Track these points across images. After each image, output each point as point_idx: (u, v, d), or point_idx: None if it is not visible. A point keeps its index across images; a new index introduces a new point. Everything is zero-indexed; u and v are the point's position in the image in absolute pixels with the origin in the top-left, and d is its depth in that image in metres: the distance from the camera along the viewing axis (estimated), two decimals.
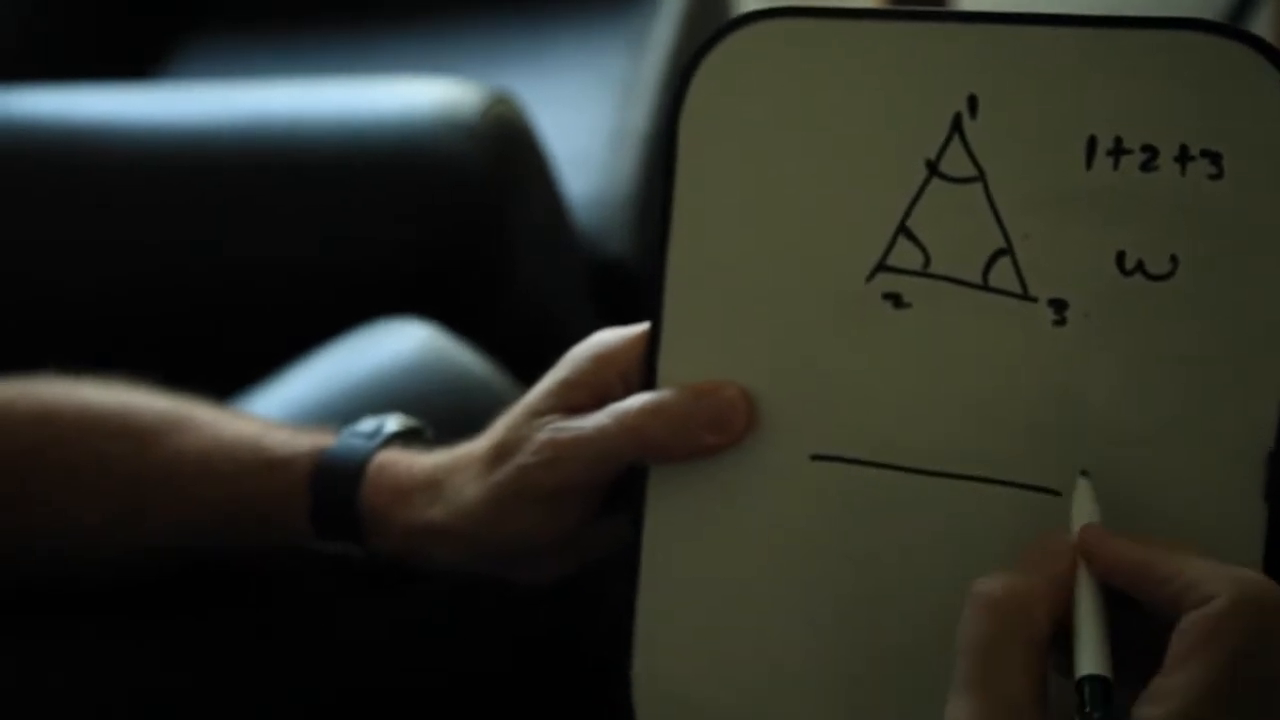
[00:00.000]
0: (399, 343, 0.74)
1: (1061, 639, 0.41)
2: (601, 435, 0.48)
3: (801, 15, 0.46)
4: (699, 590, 0.48)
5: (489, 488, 0.50)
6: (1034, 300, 0.45)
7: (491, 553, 0.52)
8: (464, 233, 0.82)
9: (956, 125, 0.45)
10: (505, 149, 0.84)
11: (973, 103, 0.45)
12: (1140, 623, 0.41)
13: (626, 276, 0.96)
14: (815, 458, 0.47)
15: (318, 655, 0.61)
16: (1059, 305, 0.45)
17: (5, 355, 0.60)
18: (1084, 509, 0.43)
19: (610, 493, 0.50)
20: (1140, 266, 0.44)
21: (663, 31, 1.09)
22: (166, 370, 0.60)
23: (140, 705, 0.58)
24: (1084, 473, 0.44)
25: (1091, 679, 0.39)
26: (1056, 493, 0.45)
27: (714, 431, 0.47)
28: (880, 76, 0.46)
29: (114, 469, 0.57)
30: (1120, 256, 0.44)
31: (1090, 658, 0.40)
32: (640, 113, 1.02)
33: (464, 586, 0.55)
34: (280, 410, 0.68)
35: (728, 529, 0.47)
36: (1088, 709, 0.39)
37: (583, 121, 1.01)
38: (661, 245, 0.48)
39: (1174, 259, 0.44)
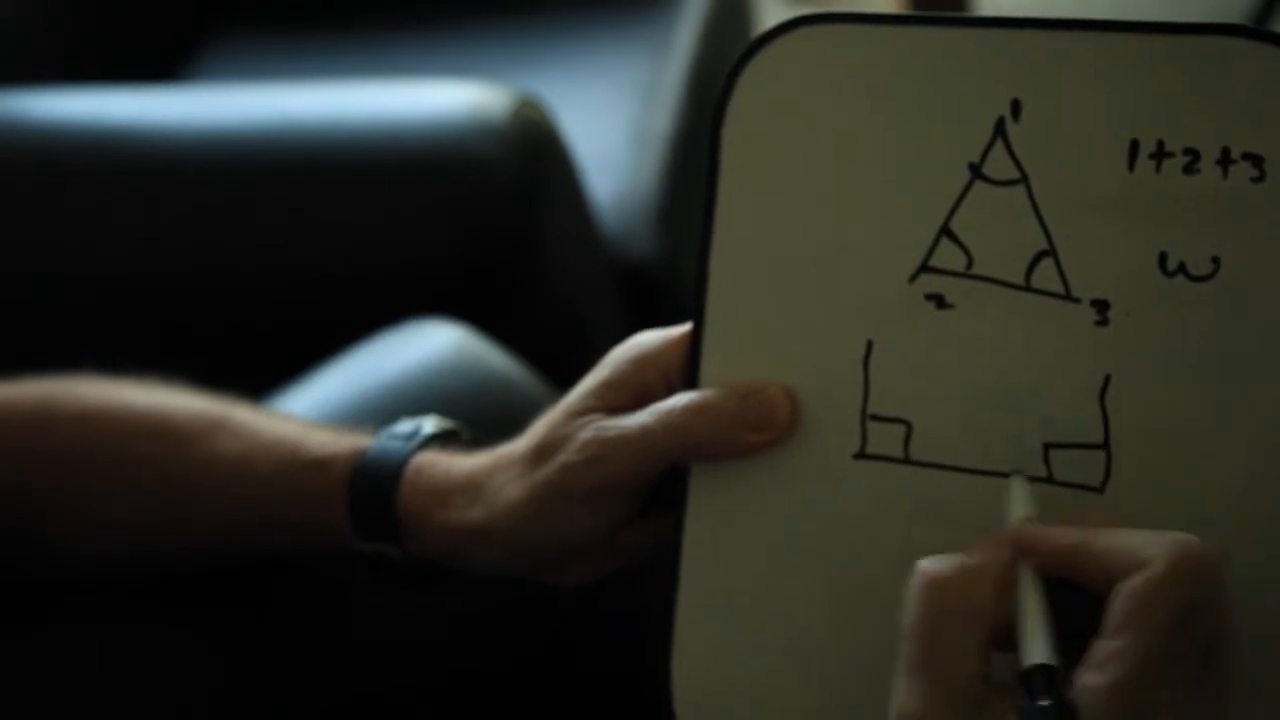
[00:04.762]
0: (428, 343, 0.74)
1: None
2: (644, 433, 0.48)
3: (844, 21, 0.47)
4: (739, 589, 0.48)
5: (531, 487, 0.51)
6: (1076, 301, 0.45)
7: (531, 553, 0.52)
8: (492, 234, 0.83)
9: (1000, 128, 0.46)
10: (533, 151, 0.85)
11: (1015, 106, 0.45)
12: (1080, 607, 0.40)
13: (650, 278, 0.96)
14: (857, 457, 0.47)
15: (339, 652, 0.61)
16: (1101, 306, 0.45)
17: (41, 355, 0.61)
18: (1019, 505, 0.44)
19: (647, 495, 0.51)
20: (1182, 268, 0.44)
21: (685, 36, 1.09)
22: (199, 371, 0.60)
23: (166, 697, 0.59)
24: (1016, 471, 0.45)
25: (1040, 668, 0.39)
26: (1099, 490, 0.45)
27: (757, 430, 0.47)
28: (923, 81, 0.46)
29: (153, 469, 0.58)
30: (1162, 257, 0.45)
31: (1036, 647, 0.40)
32: (663, 116, 1.03)
33: (488, 585, 0.55)
34: (312, 410, 0.69)
35: (769, 528, 0.48)
36: (1039, 698, 0.38)
37: (606, 125, 1.02)
38: (704, 247, 0.48)
39: (1215, 260, 0.44)
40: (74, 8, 1.11)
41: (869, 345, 0.47)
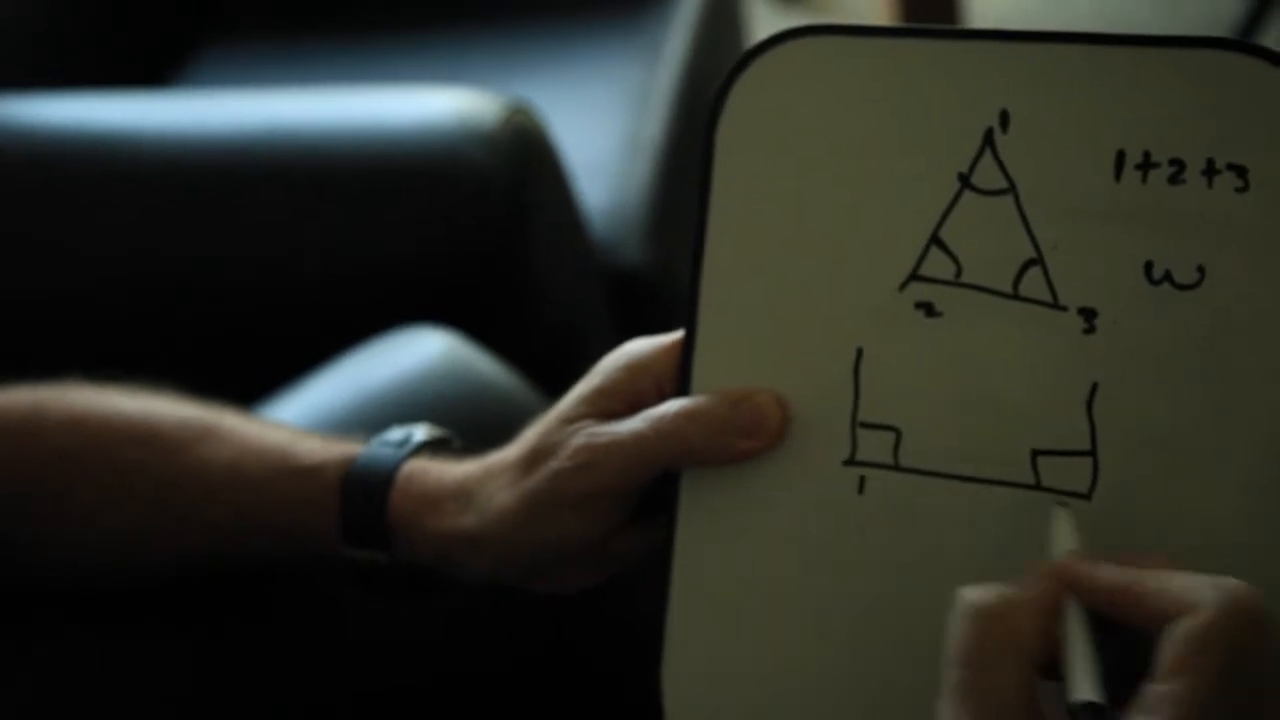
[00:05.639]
0: (419, 351, 0.74)
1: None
2: (637, 439, 0.49)
3: (837, 33, 0.47)
4: (730, 595, 0.48)
5: (522, 493, 0.51)
6: (1064, 309, 0.46)
7: (522, 560, 0.52)
8: (483, 241, 0.83)
9: (988, 139, 0.46)
10: (524, 158, 0.85)
11: (1004, 118, 0.46)
12: (1117, 644, 0.41)
13: (640, 284, 0.96)
14: (847, 463, 0.48)
15: (331, 656, 0.61)
16: (1088, 314, 0.46)
17: (30, 362, 0.61)
18: (1065, 538, 0.44)
19: (639, 502, 0.51)
20: (1168, 276, 0.45)
21: (676, 42, 1.10)
22: (189, 377, 0.61)
23: (160, 703, 0.59)
24: (1062, 503, 0.45)
25: (1086, 705, 0.39)
26: (1086, 497, 0.46)
27: (748, 437, 0.48)
28: (914, 92, 0.47)
29: (143, 476, 0.58)
30: (1148, 266, 0.45)
31: (1083, 683, 0.40)
32: (654, 123, 1.03)
33: (480, 592, 0.56)
34: (302, 418, 0.69)
35: (760, 534, 0.48)
36: None
37: (598, 131, 1.02)
38: (697, 255, 0.49)
39: (1201, 269, 0.45)
40: (67, 14, 1.11)
41: (859, 352, 0.47)
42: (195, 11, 1.18)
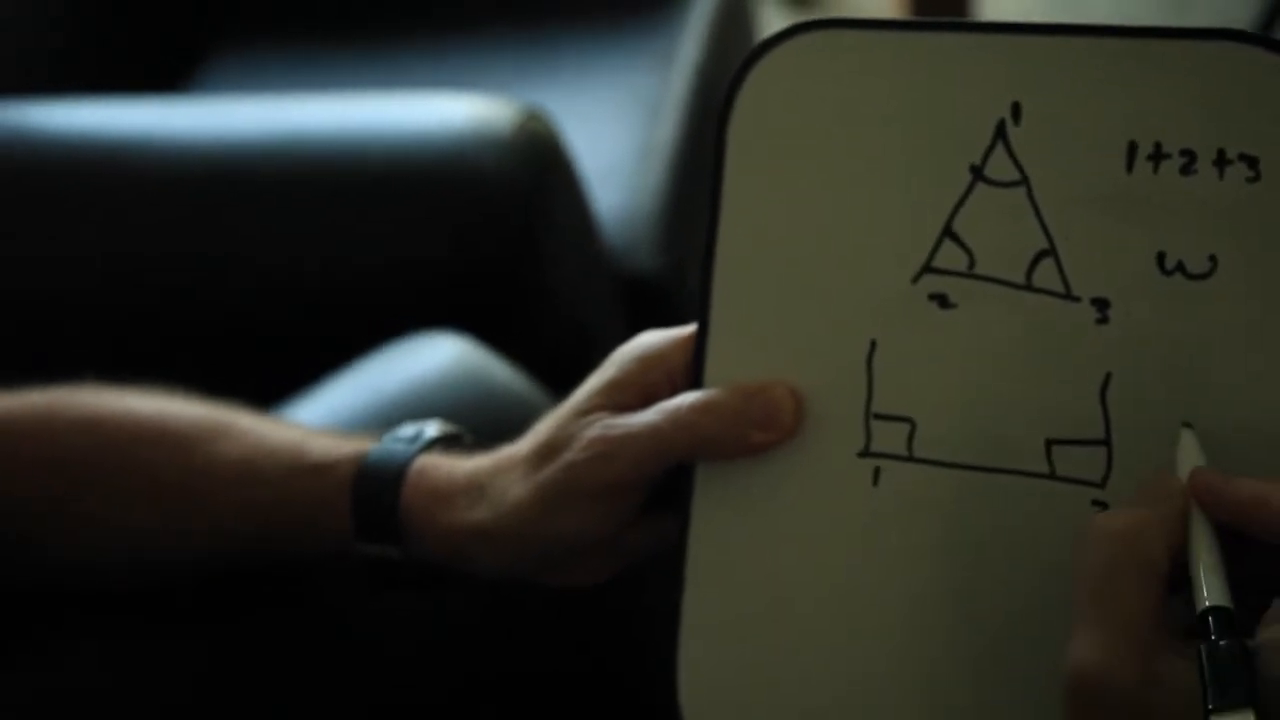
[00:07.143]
0: (434, 356, 0.74)
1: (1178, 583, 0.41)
2: (652, 432, 0.49)
3: (848, 26, 0.48)
4: (745, 588, 0.48)
5: (536, 486, 0.51)
6: (1077, 300, 0.46)
7: (534, 554, 0.52)
8: (497, 246, 0.83)
9: (1000, 131, 0.46)
10: (537, 164, 0.85)
11: (1016, 110, 0.46)
12: (1243, 559, 0.41)
13: (653, 289, 0.96)
14: (862, 455, 0.48)
15: (335, 659, 0.61)
16: (1101, 304, 0.46)
17: (47, 365, 0.61)
18: (1190, 455, 0.44)
19: (651, 496, 0.51)
20: (1180, 266, 0.45)
21: (689, 48, 1.10)
22: (206, 383, 0.61)
23: (157, 711, 0.59)
24: (1186, 424, 0.45)
25: (1214, 610, 0.40)
26: (1100, 486, 0.46)
27: (763, 429, 0.48)
28: (925, 85, 0.47)
29: (157, 476, 0.58)
30: (1160, 257, 0.45)
31: (1211, 590, 0.40)
32: (667, 128, 1.04)
33: (490, 590, 0.56)
34: (318, 422, 0.69)
35: (774, 527, 0.48)
36: (1213, 638, 0.39)
37: (611, 137, 1.02)
38: (709, 247, 0.49)
39: (1213, 259, 0.45)
40: (78, 20, 1.11)
41: (873, 345, 0.48)
42: (208, 17, 1.18)
